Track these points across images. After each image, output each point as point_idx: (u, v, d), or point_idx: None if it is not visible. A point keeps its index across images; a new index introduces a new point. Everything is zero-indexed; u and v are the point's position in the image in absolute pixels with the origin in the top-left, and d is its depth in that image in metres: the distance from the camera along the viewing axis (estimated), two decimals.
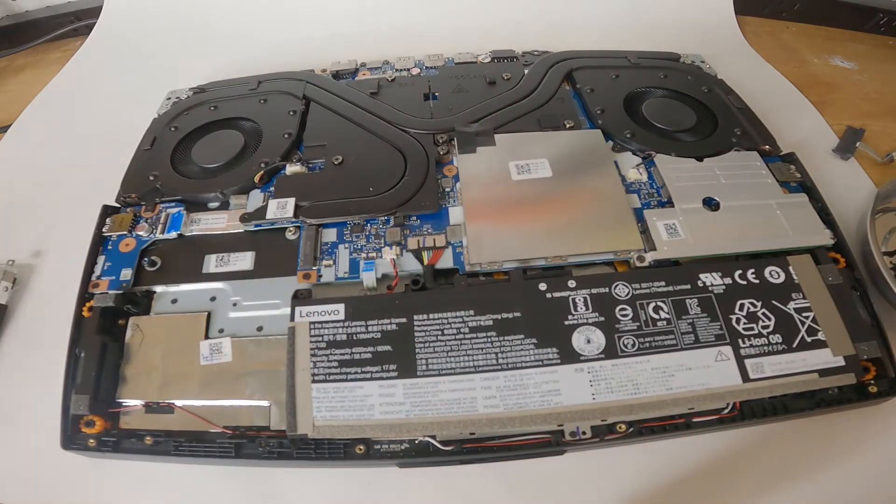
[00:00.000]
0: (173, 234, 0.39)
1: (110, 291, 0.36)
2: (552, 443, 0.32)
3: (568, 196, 0.39)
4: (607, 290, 0.34)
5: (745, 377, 0.31)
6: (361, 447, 0.32)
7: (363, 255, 0.37)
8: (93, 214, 0.40)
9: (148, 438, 0.33)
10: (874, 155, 0.51)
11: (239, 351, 0.34)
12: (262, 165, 0.42)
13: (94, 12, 0.72)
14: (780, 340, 0.32)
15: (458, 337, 0.32)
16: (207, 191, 0.41)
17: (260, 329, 0.35)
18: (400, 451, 0.32)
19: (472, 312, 0.33)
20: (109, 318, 0.36)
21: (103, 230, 0.40)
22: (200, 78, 0.55)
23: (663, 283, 0.34)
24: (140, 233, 0.39)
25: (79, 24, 0.72)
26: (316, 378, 0.31)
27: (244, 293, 0.37)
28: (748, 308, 0.33)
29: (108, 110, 0.60)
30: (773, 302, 0.34)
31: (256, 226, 0.39)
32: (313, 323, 0.33)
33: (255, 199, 0.41)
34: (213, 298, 0.37)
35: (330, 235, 0.39)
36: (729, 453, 0.35)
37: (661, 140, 0.44)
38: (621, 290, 0.34)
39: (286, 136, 0.45)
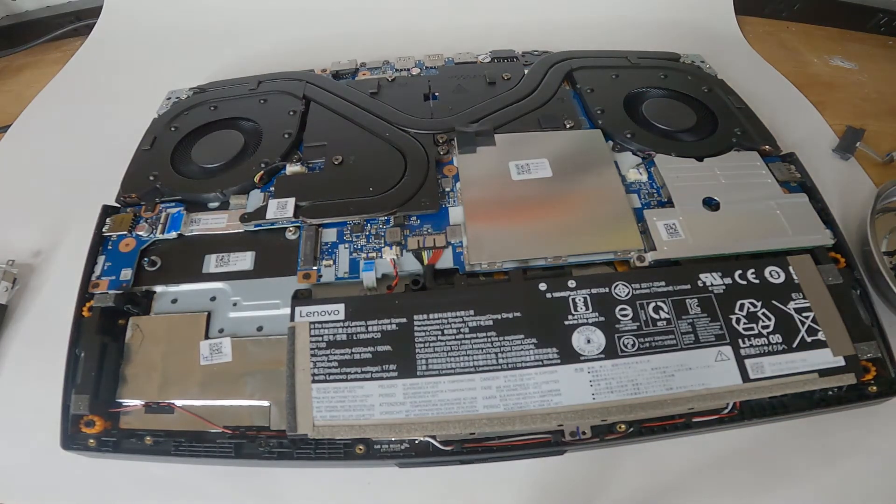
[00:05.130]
0: (173, 234, 0.39)
1: (110, 291, 0.36)
2: (552, 443, 0.32)
3: (568, 196, 0.39)
4: (607, 290, 0.34)
5: (745, 377, 0.31)
6: (361, 447, 0.32)
7: (363, 255, 0.37)
8: (93, 214, 0.40)
9: (148, 438, 0.33)
10: (874, 155, 0.51)
11: (239, 351, 0.34)
12: (262, 165, 0.42)
13: (94, 12, 0.72)
14: (780, 340, 0.32)
15: (458, 337, 0.32)
16: (207, 191, 0.41)
17: (260, 329, 0.35)
18: (400, 451, 0.32)
19: (472, 312, 0.33)
20: (109, 318, 0.36)
21: (103, 230, 0.40)
22: (200, 78, 0.55)
23: (663, 283, 0.34)
24: (140, 233, 0.39)
25: (79, 24, 0.73)
26: (316, 378, 0.31)
27: (244, 293, 0.37)
28: (748, 308, 0.33)
29: (108, 110, 0.60)
30: (773, 302, 0.34)
31: (256, 226, 0.39)
32: (313, 323, 0.33)
33: (255, 199, 0.41)
34: (213, 298, 0.37)
35: (330, 235, 0.39)
36: (729, 453, 0.35)
37: (661, 140, 0.44)
38: (621, 290, 0.34)
39: (286, 136, 0.45)
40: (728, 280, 0.34)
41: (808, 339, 0.32)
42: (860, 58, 0.65)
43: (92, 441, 0.33)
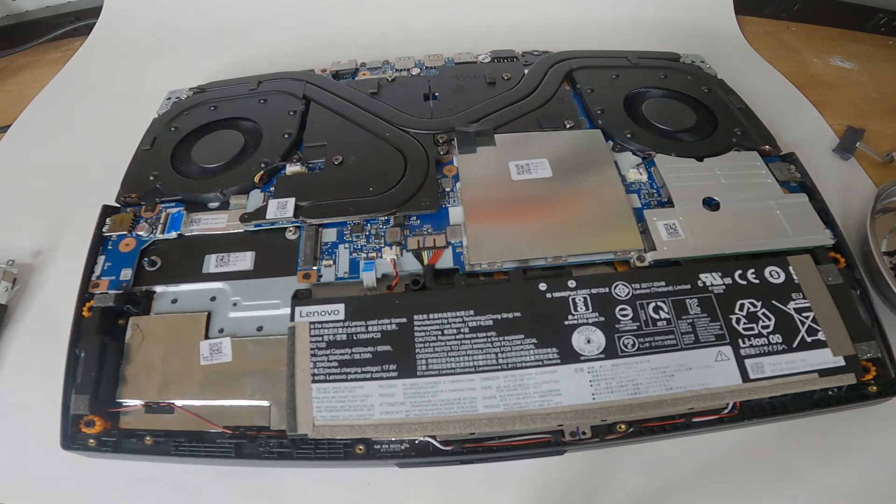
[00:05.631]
0: (173, 234, 0.39)
1: (110, 291, 0.36)
2: (552, 443, 0.32)
3: (568, 196, 0.39)
4: (607, 290, 0.34)
5: (745, 377, 0.31)
6: (361, 447, 0.32)
7: (363, 255, 0.37)
8: (93, 214, 0.40)
9: (148, 438, 0.33)
10: (874, 155, 0.51)
11: (239, 351, 0.34)
12: (262, 165, 0.42)
13: (94, 12, 0.72)
14: (780, 340, 0.32)
15: (458, 337, 0.32)
16: (207, 191, 0.41)
17: (260, 329, 0.35)
18: (400, 451, 0.32)
19: (472, 312, 0.33)
20: (109, 318, 0.36)
21: (103, 230, 0.40)
22: (200, 78, 0.55)
23: (663, 283, 0.34)
24: (140, 233, 0.39)
25: (79, 24, 0.73)
26: (316, 378, 0.31)
27: (244, 293, 0.37)
28: (748, 308, 0.33)
29: (108, 110, 0.60)
30: (773, 302, 0.34)
31: (256, 226, 0.39)
32: (313, 323, 0.33)
33: (255, 199, 0.41)
34: (213, 298, 0.37)
35: (330, 235, 0.39)
36: (729, 453, 0.35)
37: (661, 140, 0.44)
38: (621, 290, 0.34)
39: (286, 136, 0.45)
40: (728, 280, 0.34)
41: (808, 339, 0.32)
42: (860, 58, 0.65)
43: (92, 441, 0.33)
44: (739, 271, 0.35)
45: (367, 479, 0.35)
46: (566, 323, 0.33)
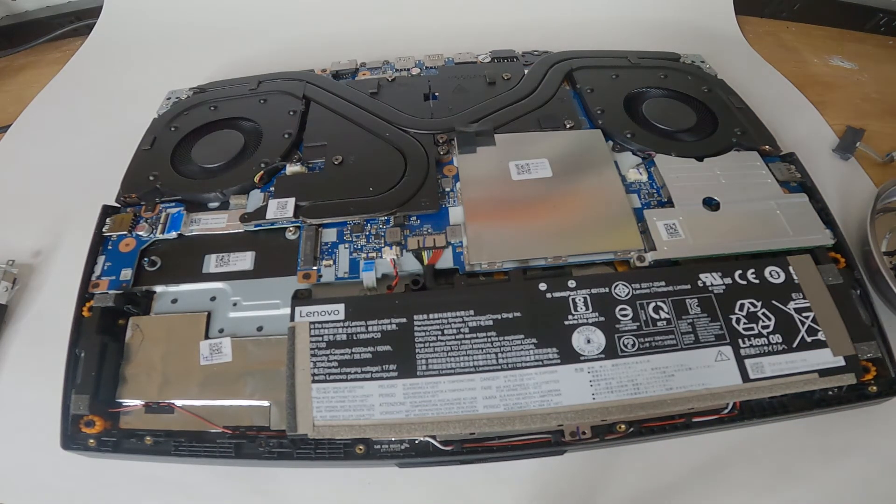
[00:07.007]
0: (173, 234, 0.39)
1: (110, 291, 0.36)
2: (552, 443, 0.32)
3: (568, 196, 0.39)
4: (607, 290, 0.34)
5: (745, 377, 0.31)
6: (361, 447, 0.32)
7: (363, 255, 0.37)
8: (93, 214, 0.40)
9: (148, 438, 0.33)
10: (874, 155, 0.51)
11: (239, 351, 0.34)
12: (262, 165, 0.42)
13: (94, 12, 0.72)
14: (780, 340, 0.32)
15: (458, 337, 0.32)
16: (207, 191, 0.41)
17: (260, 329, 0.35)
18: (400, 451, 0.32)
19: (472, 312, 0.33)
20: (109, 318, 0.36)
21: (103, 230, 0.40)
22: (200, 78, 0.55)
23: (663, 283, 0.34)
24: (140, 233, 0.39)
25: (79, 24, 0.73)
26: (316, 378, 0.31)
27: (244, 293, 0.37)
28: (748, 308, 0.33)
29: (108, 110, 0.60)
30: (773, 302, 0.34)
31: (256, 226, 0.39)
32: (313, 323, 0.33)
33: (255, 199, 0.41)
34: (213, 298, 0.37)
35: (330, 235, 0.39)
36: (729, 453, 0.35)
37: (661, 140, 0.44)
38: (621, 290, 0.34)
39: (286, 136, 0.45)
40: (728, 280, 0.34)
41: (808, 339, 0.32)
42: (860, 58, 0.65)
43: (92, 441, 0.33)
44: (739, 271, 0.35)
45: (366, 479, 0.35)
46: (566, 323, 0.33)
